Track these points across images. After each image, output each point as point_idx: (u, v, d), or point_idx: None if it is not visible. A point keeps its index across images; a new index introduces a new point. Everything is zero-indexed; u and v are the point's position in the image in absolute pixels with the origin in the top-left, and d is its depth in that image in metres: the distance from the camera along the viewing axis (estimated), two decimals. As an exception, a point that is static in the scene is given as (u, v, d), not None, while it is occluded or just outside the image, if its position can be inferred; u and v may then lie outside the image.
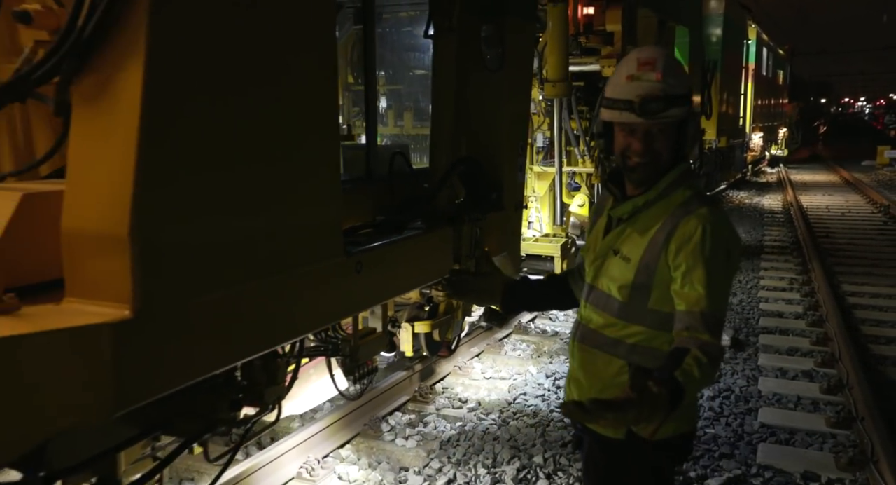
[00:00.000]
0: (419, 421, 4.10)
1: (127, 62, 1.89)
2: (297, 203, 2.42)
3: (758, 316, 6.54)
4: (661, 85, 1.89)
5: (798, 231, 10.97)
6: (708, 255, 1.87)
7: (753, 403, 4.56)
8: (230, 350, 2.18)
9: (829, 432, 4.13)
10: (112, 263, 1.89)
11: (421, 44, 4.69)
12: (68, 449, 2.02)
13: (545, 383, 4.79)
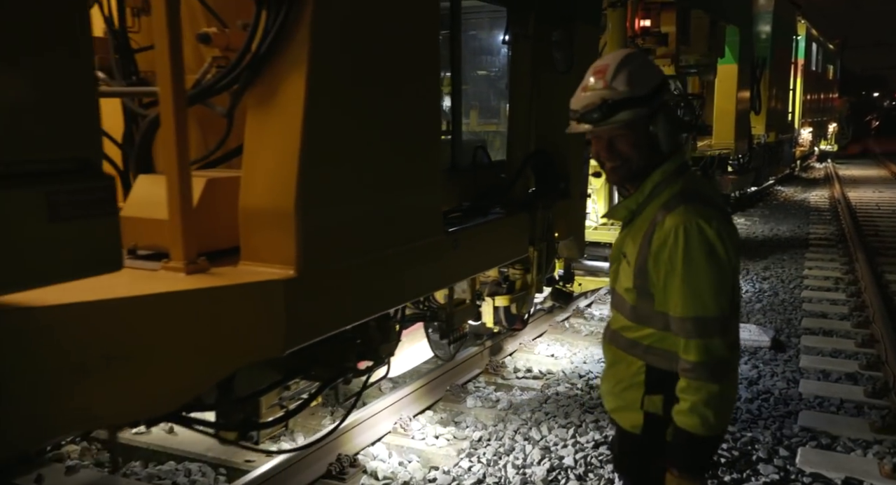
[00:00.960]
0: (493, 389, 4.53)
1: (293, 75, 2.39)
2: (411, 189, 2.90)
3: (800, 317, 6.39)
4: (606, 92, 1.90)
5: (845, 229, 10.82)
6: (683, 256, 1.85)
7: (794, 406, 4.41)
8: (365, 307, 2.67)
9: (874, 437, 3.93)
10: (280, 234, 2.39)
11: (488, 48, 5.09)
12: (245, 382, 2.54)
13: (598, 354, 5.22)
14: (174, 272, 2.32)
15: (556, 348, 5.37)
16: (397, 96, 2.81)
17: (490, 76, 5.28)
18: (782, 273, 8.01)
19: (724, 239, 1.88)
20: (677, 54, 6.42)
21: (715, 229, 1.87)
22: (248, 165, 2.46)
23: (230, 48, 2.72)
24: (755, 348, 5.43)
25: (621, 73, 1.92)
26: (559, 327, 5.83)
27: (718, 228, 1.88)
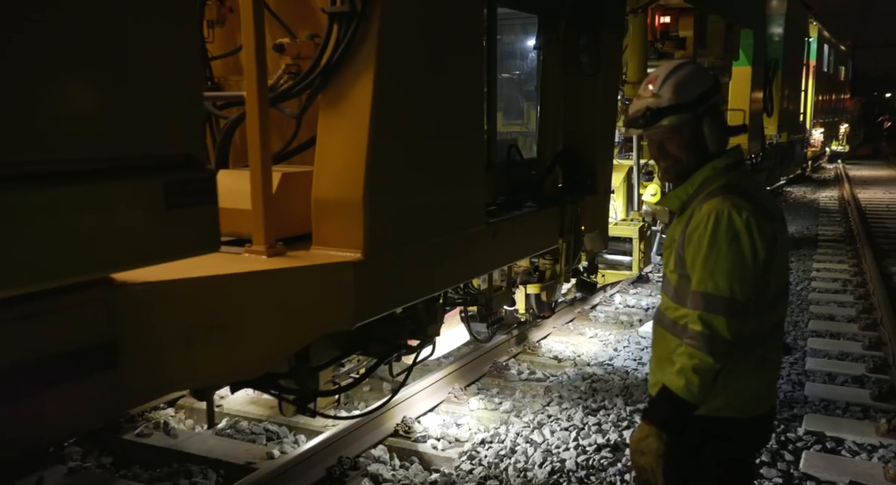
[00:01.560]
0: (529, 367, 4.94)
1: (361, 81, 2.69)
2: (458, 183, 3.21)
3: (807, 319, 6.39)
4: (651, 100, 2.10)
5: (854, 229, 10.82)
6: (709, 238, 1.98)
7: (799, 409, 4.39)
8: (419, 288, 2.99)
9: (880, 441, 3.92)
10: (349, 221, 2.70)
11: (519, 52, 5.37)
12: (318, 353, 2.85)
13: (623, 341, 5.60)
14: (257, 255, 2.63)
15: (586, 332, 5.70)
16: (448, 100, 3.12)
17: (520, 79, 5.53)
18: (790, 275, 8.12)
19: (751, 231, 1.98)
20: (695, 57, 6.69)
21: (744, 219, 1.98)
22: (321, 160, 2.77)
23: (301, 56, 3.04)
24: None
25: (668, 83, 2.11)
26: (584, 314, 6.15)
27: (748, 219, 1.98)
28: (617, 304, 6.89)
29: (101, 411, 2.22)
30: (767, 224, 2.04)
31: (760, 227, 2.01)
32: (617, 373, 4.93)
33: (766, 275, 2.04)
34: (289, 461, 3.41)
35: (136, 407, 2.41)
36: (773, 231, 2.06)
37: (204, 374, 2.41)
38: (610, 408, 4.30)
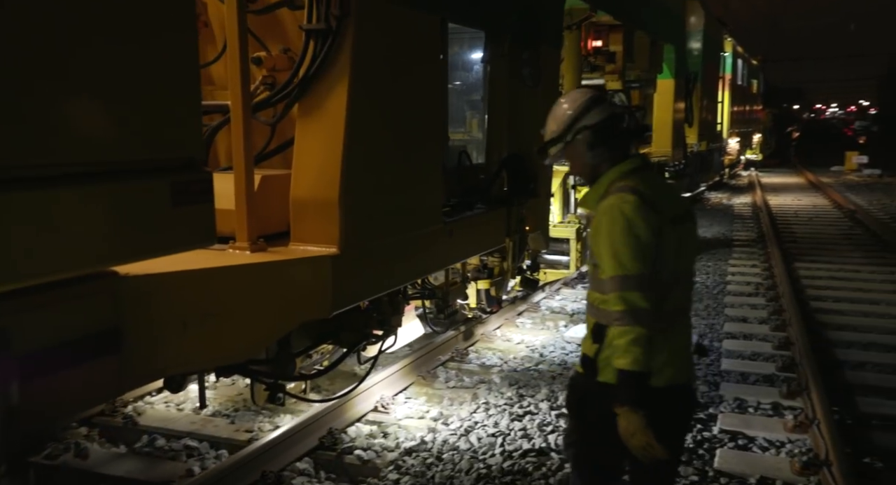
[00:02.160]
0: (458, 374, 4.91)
1: (336, 91, 2.98)
2: (420, 186, 3.52)
3: (723, 321, 6.55)
4: (544, 135, 2.56)
5: (766, 235, 11.27)
6: (607, 230, 2.32)
7: (715, 408, 4.51)
8: (387, 281, 3.28)
9: (787, 437, 4.06)
10: (326, 219, 2.97)
11: (466, 64, 5.71)
12: (297, 340, 3.09)
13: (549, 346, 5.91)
14: (241, 251, 2.87)
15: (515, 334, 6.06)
16: (410, 110, 3.43)
17: (469, 90, 5.80)
18: (707, 279, 8.21)
19: (637, 219, 2.30)
20: (623, 70, 7.21)
21: (631, 210, 2.30)
22: (298, 164, 3.03)
23: (276, 69, 3.30)
24: None
25: (549, 119, 2.55)
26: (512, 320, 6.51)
27: (634, 210, 2.30)
28: (543, 310, 6.92)
29: (107, 391, 2.42)
30: (653, 215, 2.34)
31: (645, 217, 2.31)
32: (543, 378, 4.92)
33: (650, 252, 2.33)
34: (212, 476, 3.33)
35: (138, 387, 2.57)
36: (659, 223, 2.35)
37: (199, 357, 2.64)
38: (535, 413, 4.29)
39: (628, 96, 8.19)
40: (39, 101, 1.83)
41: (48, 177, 1.90)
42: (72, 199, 1.95)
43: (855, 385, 4.93)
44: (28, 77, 1.79)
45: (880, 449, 3.97)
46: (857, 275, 8.49)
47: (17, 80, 1.77)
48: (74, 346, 2.21)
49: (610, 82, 7.20)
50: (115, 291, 2.35)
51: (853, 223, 12.79)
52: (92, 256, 2.04)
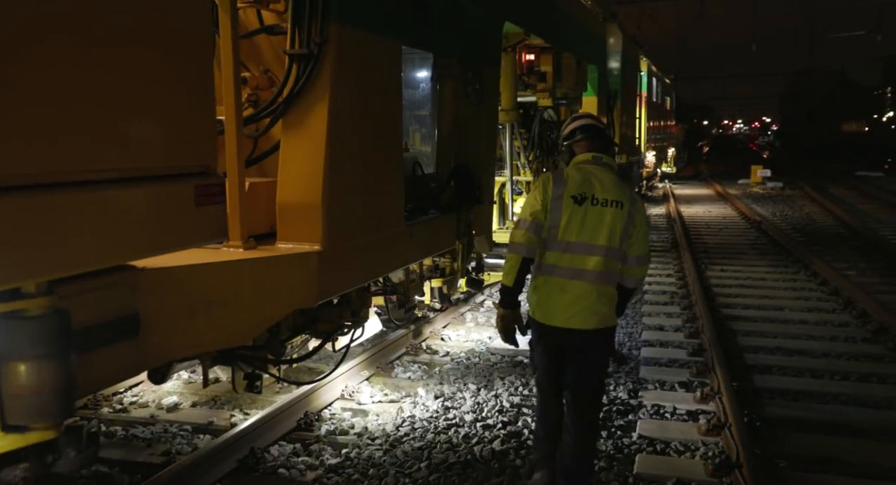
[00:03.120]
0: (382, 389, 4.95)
1: (318, 108, 3.39)
2: (386, 192, 3.95)
3: (641, 330, 6.69)
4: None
5: (679, 244, 11.64)
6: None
7: (634, 414, 4.63)
8: (362, 275, 3.69)
9: (701, 440, 4.20)
10: (309, 221, 3.36)
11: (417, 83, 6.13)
12: (285, 328, 3.46)
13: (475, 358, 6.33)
14: (235, 248, 3.23)
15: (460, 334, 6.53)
16: (379, 124, 3.87)
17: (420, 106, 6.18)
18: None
19: (543, 189, 3.29)
20: (553, 88, 7.84)
21: (542, 183, 3.33)
22: (284, 172, 3.42)
23: (259, 87, 3.69)
24: None
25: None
26: (460, 318, 7.00)
27: (544, 184, 3.32)
28: (485, 309, 7.37)
29: (129, 369, 2.75)
30: (561, 189, 3.27)
31: (545, 190, 3.30)
32: (468, 390, 4.97)
33: (548, 214, 3.25)
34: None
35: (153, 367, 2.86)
36: (561, 193, 3.26)
37: (205, 340, 2.99)
38: (461, 425, 4.40)
39: (557, 112, 8.84)
40: (104, 120, 2.18)
41: (106, 180, 2.24)
42: (122, 198, 2.30)
43: (763, 389, 5.12)
44: (99, 107, 2.14)
45: (787, 450, 4.13)
46: (763, 283, 8.83)
47: (94, 109, 2.12)
48: (107, 327, 2.55)
49: (541, 99, 7.83)
50: (134, 281, 2.69)
51: (759, 233, 13.34)
52: (135, 248, 2.39)
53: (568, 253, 3.22)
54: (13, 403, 2.10)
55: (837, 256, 10.49)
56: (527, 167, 7.85)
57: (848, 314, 7.17)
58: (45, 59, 1.99)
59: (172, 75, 2.46)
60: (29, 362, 2.11)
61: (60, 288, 2.25)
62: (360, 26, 3.64)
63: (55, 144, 2.05)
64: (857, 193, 21.64)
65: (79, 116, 2.11)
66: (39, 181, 2.00)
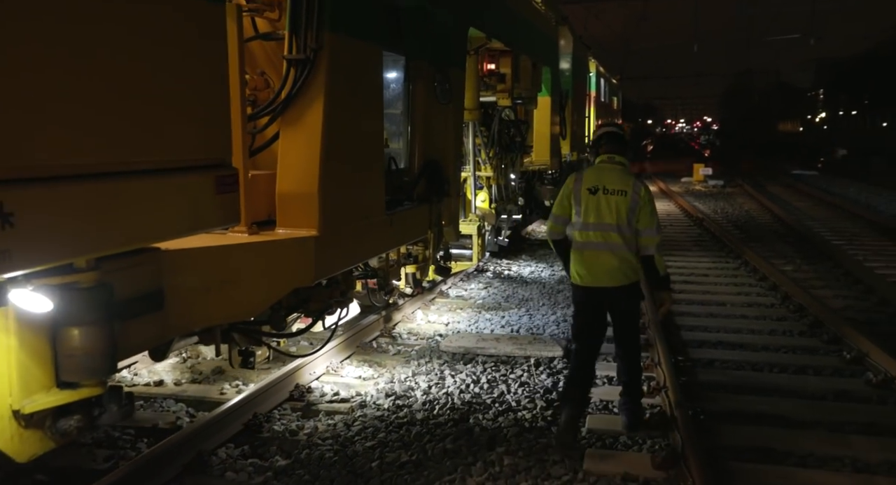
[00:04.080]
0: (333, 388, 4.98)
1: (314, 107, 3.76)
2: (371, 183, 4.34)
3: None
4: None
5: None
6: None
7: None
8: (352, 258, 4.08)
9: (647, 434, 4.26)
10: (307, 208, 3.73)
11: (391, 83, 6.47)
12: (284, 306, 3.82)
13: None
14: (240, 233, 3.58)
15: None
16: (365, 122, 4.26)
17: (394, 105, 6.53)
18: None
19: (566, 187, 4.34)
20: (512, 89, 8.31)
21: (567, 183, 4.35)
22: (283, 164, 3.78)
23: (256, 88, 4.03)
24: (549, 359, 5.67)
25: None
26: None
27: (567, 184, 4.35)
28: (419, 320, 7.07)
29: (155, 339, 3.08)
30: (579, 185, 4.29)
31: (573, 185, 4.32)
32: (419, 389, 5.01)
33: (572, 207, 4.30)
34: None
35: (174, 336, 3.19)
36: (580, 188, 4.27)
37: (218, 314, 3.34)
38: (412, 424, 4.45)
39: (515, 111, 9.32)
40: (147, 119, 2.52)
41: (145, 170, 2.58)
42: (157, 186, 2.64)
43: (706, 382, 5.23)
44: (143, 108, 2.48)
45: (728, 442, 4.22)
46: (705, 279, 9.03)
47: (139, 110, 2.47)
48: (139, 300, 2.88)
49: (501, 99, 8.29)
50: (159, 261, 3.03)
51: (701, 230, 13.70)
52: (168, 230, 2.73)
53: (590, 231, 4.21)
54: (67, 362, 2.43)
55: (775, 253, 10.84)
56: (487, 163, 8.30)
57: (786, 309, 7.35)
58: (107, 76, 2.33)
59: (199, 83, 2.82)
60: (81, 327, 2.44)
61: (105, 264, 2.58)
62: (348, 34, 4.01)
63: (108, 140, 2.38)
64: (794, 191, 22.55)
65: (128, 116, 2.45)
66: (93, 171, 2.33)
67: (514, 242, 10.86)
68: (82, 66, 2.22)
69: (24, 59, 2.01)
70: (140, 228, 2.58)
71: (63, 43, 2.15)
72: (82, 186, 2.24)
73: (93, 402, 2.49)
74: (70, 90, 2.19)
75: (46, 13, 2.09)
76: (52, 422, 2.37)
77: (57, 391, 2.39)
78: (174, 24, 2.68)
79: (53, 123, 2.12)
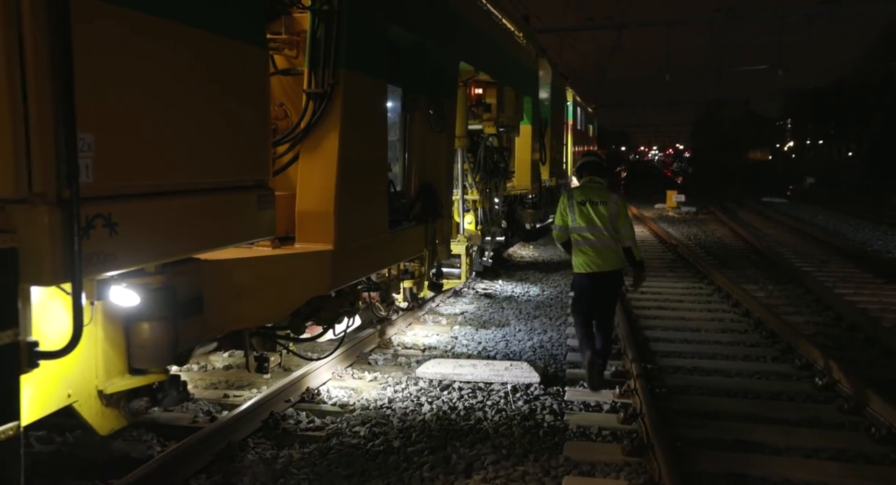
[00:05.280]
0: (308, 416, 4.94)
1: (331, 135, 4.23)
2: (378, 204, 4.82)
3: (566, 352, 6.79)
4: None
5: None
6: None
7: (560, 437, 4.68)
8: (361, 271, 4.52)
9: (624, 461, 4.28)
10: (324, 225, 4.18)
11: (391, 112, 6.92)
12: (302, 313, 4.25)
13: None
14: (264, 248, 4.01)
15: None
16: (373, 148, 4.73)
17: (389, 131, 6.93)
18: (550, 312, 8.74)
19: (562, 203, 5.73)
20: (498, 118, 8.86)
21: (562, 199, 5.71)
22: (303, 186, 4.23)
23: (276, 118, 4.49)
24: (526, 385, 5.69)
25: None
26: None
27: (562, 199, 5.74)
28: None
29: (197, 339, 3.49)
30: (569, 201, 5.68)
31: (566, 200, 5.69)
32: (396, 415, 5.00)
33: (568, 216, 5.66)
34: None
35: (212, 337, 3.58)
36: (572, 201, 5.65)
37: (248, 317, 3.76)
38: (389, 452, 4.44)
39: (500, 139, 9.87)
40: (211, 146, 2.97)
41: (205, 189, 3.02)
42: (214, 202, 3.08)
43: (682, 409, 5.21)
44: (208, 138, 2.94)
45: (706, 468, 4.24)
46: (680, 304, 9.12)
47: (205, 140, 2.92)
48: (188, 303, 3.30)
49: (487, 128, 8.85)
50: (200, 270, 3.45)
51: (675, 256, 13.76)
52: (221, 239, 3.17)
53: (583, 233, 5.61)
54: (139, 352, 2.85)
55: (748, 279, 10.96)
56: (474, 187, 8.80)
57: (758, 335, 7.40)
58: (185, 112, 2.79)
59: (248, 114, 3.28)
60: (151, 322, 2.86)
61: (168, 270, 3.01)
62: (359, 70, 4.50)
63: (184, 163, 2.83)
64: (764, 217, 22.99)
65: (199, 144, 2.91)
66: (172, 189, 2.78)
67: (496, 263, 11.36)
68: (169, 105, 2.68)
69: (128, 103, 2.46)
70: (203, 236, 3.01)
71: (156, 90, 2.61)
72: (165, 201, 2.68)
73: (158, 387, 2.89)
74: (158, 123, 2.64)
75: (147, 72, 2.55)
76: (126, 402, 2.78)
77: (129, 377, 2.80)
78: (234, 68, 3.15)
79: (146, 150, 2.56)
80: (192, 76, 2.83)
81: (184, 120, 2.78)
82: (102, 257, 2.29)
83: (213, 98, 2.97)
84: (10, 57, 2.00)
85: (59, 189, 2.11)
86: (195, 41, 2.87)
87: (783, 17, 26.35)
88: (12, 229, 2.06)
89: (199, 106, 2.87)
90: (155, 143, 2.60)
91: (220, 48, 3.05)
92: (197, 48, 2.89)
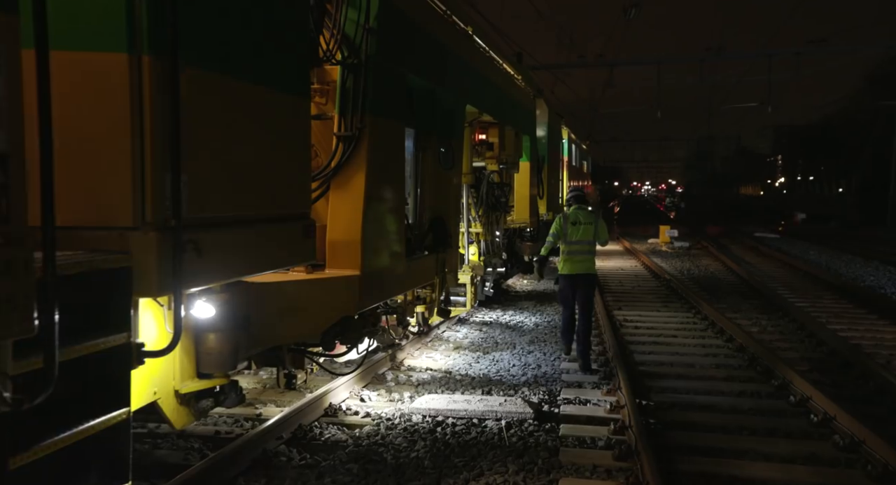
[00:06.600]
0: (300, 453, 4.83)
1: (358, 173, 4.76)
2: (397, 234, 5.33)
3: (560, 387, 6.74)
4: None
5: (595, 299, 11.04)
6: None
7: (554, 474, 4.62)
8: (384, 294, 5.01)
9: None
10: (352, 253, 4.69)
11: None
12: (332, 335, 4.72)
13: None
14: (300, 273, 4.50)
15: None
16: (393, 183, 5.27)
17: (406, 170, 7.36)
18: (545, 347, 8.65)
19: (556, 222, 7.63)
20: (500, 156, 9.44)
21: (556, 220, 7.51)
22: (333, 218, 4.75)
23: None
24: (520, 420, 5.61)
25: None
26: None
27: (557, 220, 7.59)
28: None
29: (245, 353, 3.96)
30: (563, 222, 7.56)
31: (560, 220, 7.53)
32: (390, 451, 4.96)
33: (562, 231, 7.48)
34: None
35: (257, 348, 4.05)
36: (567, 221, 7.53)
37: (288, 334, 4.24)
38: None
39: (501, 175, 10.44)
40: (271, 184, 3.48)
41: (261, 219, 3.52)
42: (269, 231, 3.58)
43: (678, 446, 5.14)
44: (266, 176, 3.45)
45: None
46: (674, 339, 9.04)
47: (264, 178, 3.44)
48: (240, 319, 3.78)
49: (489, 165, 9.43)
50: (247, 291, 3.94)
51: (669, 291, 13.64)
52: (273, 263, 3.66)
53: (573, 245, 7.40)
54: (206, 358, 3.32)
55: (741, 314, 10.89)
56: (477, 220, 9.33)
57: (753, 370, 7.35)
58: (256, 154, 3.31)
59: (296, 154, 3.81)
60: (217, 333, 3.34)
61: (229, 289, 3.50)
62: (382, 115, 5.06)
63: (252, 197, 3.33)
64: (756, 253, 23.09)
65: (263, 181, 3.42)
66: (243, 219, 3.28)
67: (496, 294, 11.84)
68: (242, 149, 3.20)
69: (213, 149, 2.98)
70: (260, 260, 3.51)
71: (232, 137, 3.14)
72: (237, 229, 3.18)
73: (220, 390, 3.36)
74: (234, 164, 3.16)
75: (227, 123, 3.08)
76: (195, 402, 3.24)
77: (197, 380, 3.27)
78: (288, 115, 3.69)
79: (225, 187, 3.08)
80: (258, 124, 3.36)
81: (252, 160, 3.30)
82: (192, 275, 2.78)
83: (273, 141, 3.50)
84: (133, 121, 2.53)
85: (165, 219, 2.61)
86: (261, 95, 3.40)
87: (771, 55, 27.15)
88: (129, 252, 2.55)
89: (263, 148, 3.39)
90: (231, 180, 3.11)
91: (278, 100, 3.59)
92: (261, 101, 3.43)
